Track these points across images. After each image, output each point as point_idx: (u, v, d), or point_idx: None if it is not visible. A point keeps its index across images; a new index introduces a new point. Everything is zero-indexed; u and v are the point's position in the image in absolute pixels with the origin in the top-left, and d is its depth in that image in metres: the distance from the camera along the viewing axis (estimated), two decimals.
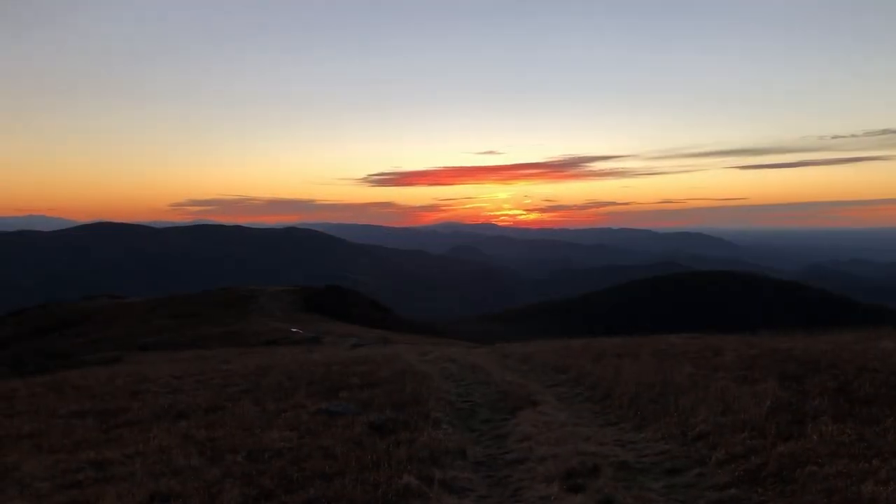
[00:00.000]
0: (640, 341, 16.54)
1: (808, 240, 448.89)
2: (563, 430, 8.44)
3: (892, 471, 5.47)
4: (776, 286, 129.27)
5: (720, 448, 6.84)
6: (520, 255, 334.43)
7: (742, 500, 5.56)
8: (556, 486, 6.23)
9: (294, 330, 42.34)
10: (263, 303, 61.18)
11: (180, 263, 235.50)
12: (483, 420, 9.76)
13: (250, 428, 9.13)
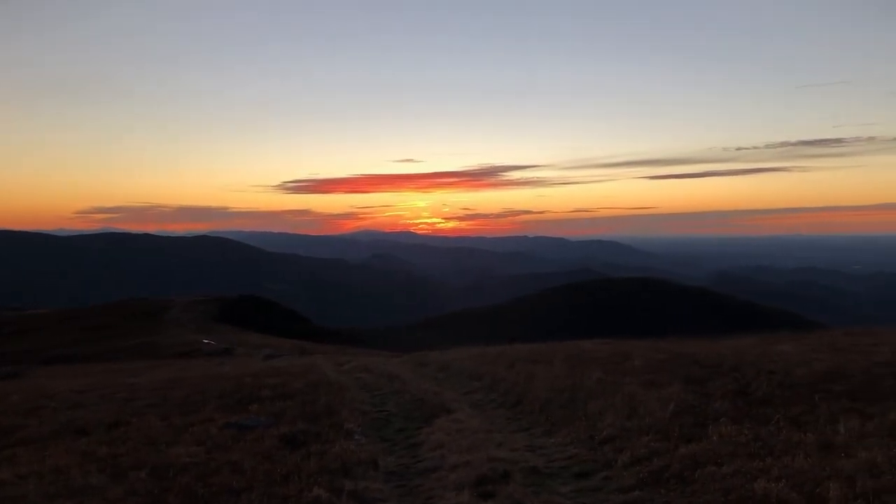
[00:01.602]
0: (553, 347, 16.80)
1: (714, 247, 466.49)
2: (476, 436, 8.49)
3: (783, 468, 5.73)
4: (684, 292, 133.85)
5: (626, 451, 7.02)
6: (439, 263, 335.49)
7: (646, 501, 5.71)
8: (467, 494, 6.25)
9: (206, 341, 41.28)
10: (175, 314, 59.45)
11: (87, 273, 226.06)
12: (397, 429, 9.73)
13: (155, 443, 8.81)
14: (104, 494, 6.78)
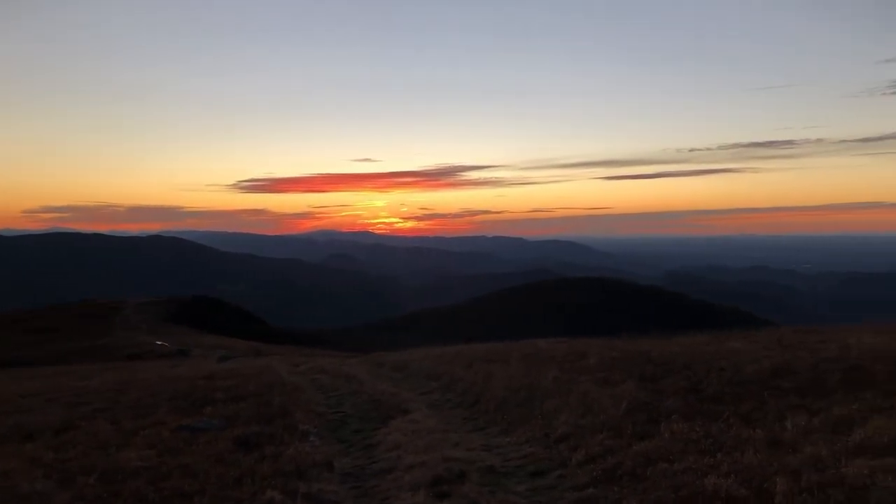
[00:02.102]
0: (510, 347, 16.89)
1: (668, 247, 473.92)
2: (433, 437, 8.49)
3: (732, 464, 5.84)
4: (639, 291, 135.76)
5: (581, 449, 7.08)
6: (397, 264, 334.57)
7: (599, 498, 5.77)
8: (423, 494, 6.24)
9: (160, 343, 40.59)
10: (127, 315, 58.33)
11: (35, 275, 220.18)
12: (353, 430, 9.68)
13: (105, 448, 8.62)
14: (51, 501, 6.60)
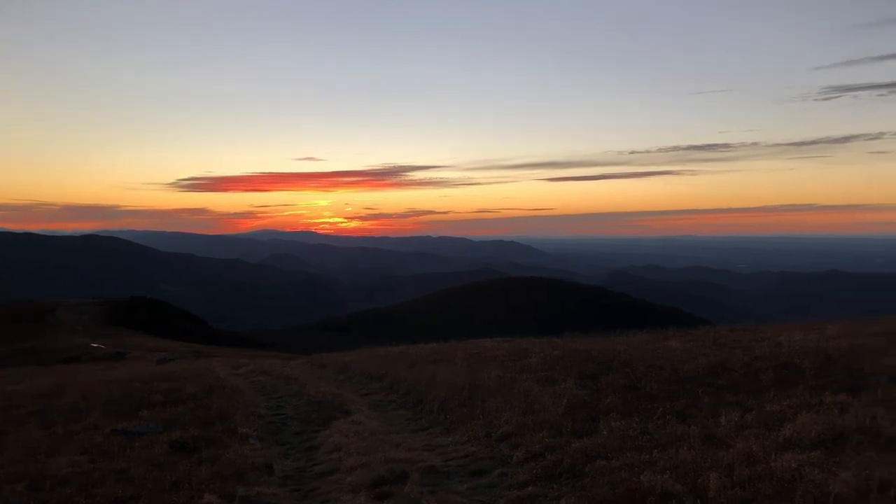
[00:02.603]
0: (455, 346, 16.95)
1: (610, 247, 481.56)
2: (375, 438, 8.46)
3: (668, 460, 5.97)
4: (582, 291, 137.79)
5: (522, 447, 7.15)
6: (342, 264, 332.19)
7: (539, 496, 5.83)
8: (363, 496, 6.22)
9: (95, 346, 39.47)
10: (62, 317, 56.60)
11: None
12: (295, 432, 9.58)
13: (35, 454, 8.35)
14: None
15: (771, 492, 5.00)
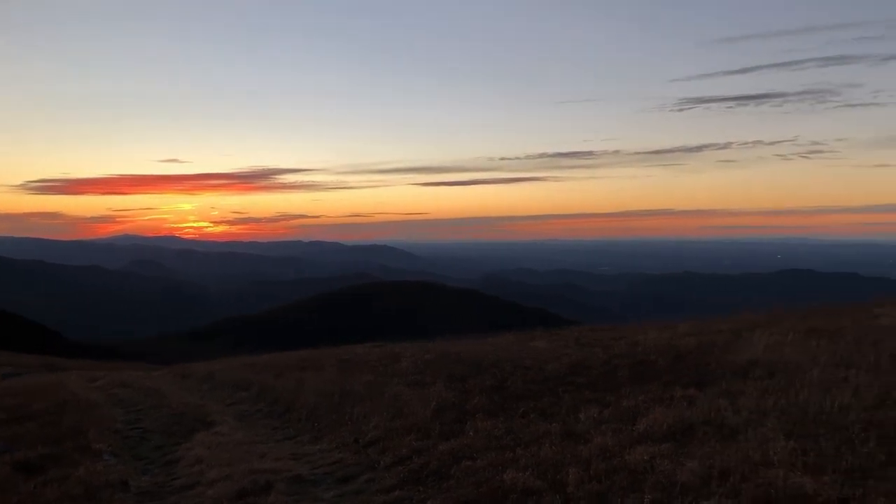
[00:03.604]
0: (325, 353, 16.76)
1: (481, 251, 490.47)
2: (239, 449, 8.23)
3: (531, 457, 6.14)
4: (455, 294, 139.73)
5: (389, 452, 7.15)
6: (208, 270, 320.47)
7: (405, 500, 5.84)
8: None
9: None
10: None
11: None
12: (154, 447, 9.17)
13: None
14: None
15: (625, 484, 5.25)
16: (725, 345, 10.85)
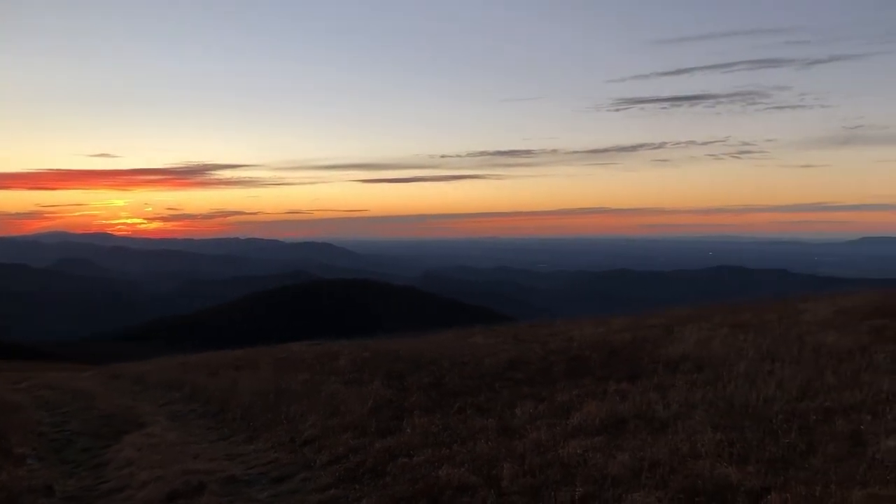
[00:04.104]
0: (261, 352, 16.53)
1: (421, 249, 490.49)
2: (172, 450, 8.05)
3: (467, 453, 6.19)
4: (395, 292, 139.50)
5: (325, 451, 7.10)
6: (142, 267, 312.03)
7: (341, 498, 5.81)
8: None
9: None
10: None
11: None
12: (81, 449, 8.90)
13: None
14: None
15: (558, 477, 5.33)
16: (657, 340, 11.10)
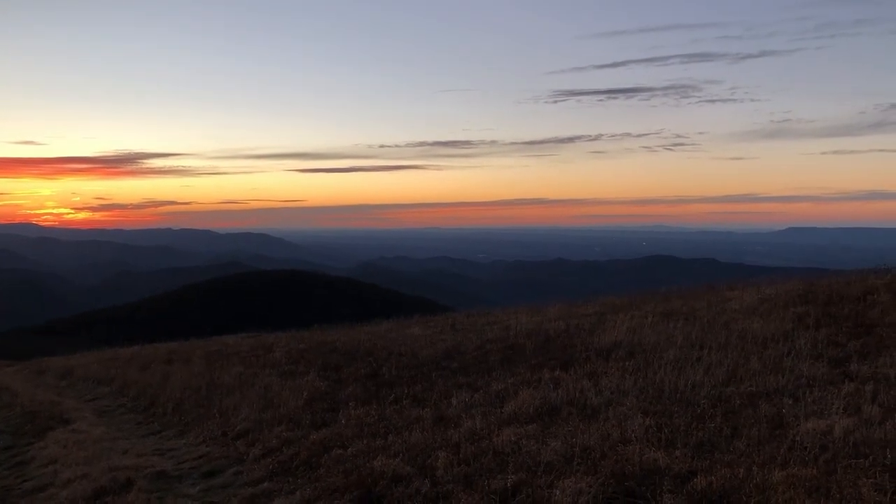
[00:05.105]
0: (194, 345, 16.23)
1: (359, 239, 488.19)
2: (98, 446, 7.82)
3: (402, 444, 6.17)
4: (332, 283, 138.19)
5: (258, 444, 7.01)
6: (68, 259, 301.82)
7: (274, 491, 5.73)
8: None
9: None
10: None
11: None
12: (2, 448, 8.61)
13: None
14: None
15: (492, 465, 5.36)
16: (591, 328, 11.28)
